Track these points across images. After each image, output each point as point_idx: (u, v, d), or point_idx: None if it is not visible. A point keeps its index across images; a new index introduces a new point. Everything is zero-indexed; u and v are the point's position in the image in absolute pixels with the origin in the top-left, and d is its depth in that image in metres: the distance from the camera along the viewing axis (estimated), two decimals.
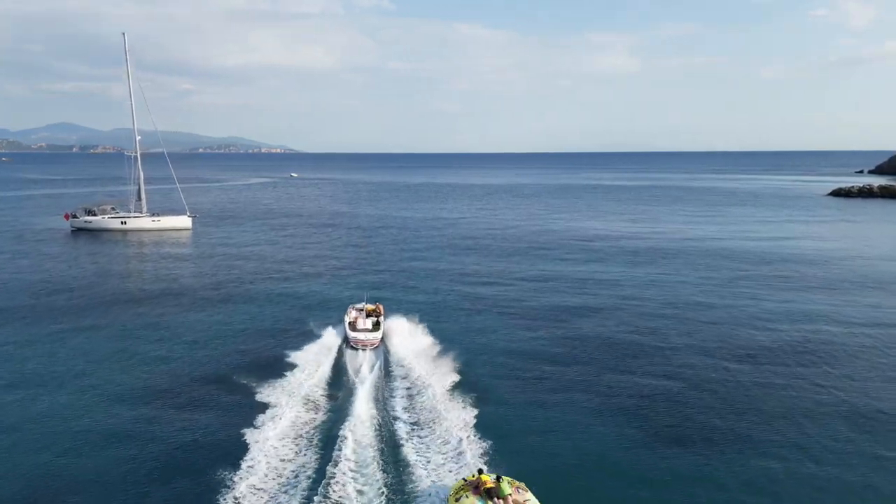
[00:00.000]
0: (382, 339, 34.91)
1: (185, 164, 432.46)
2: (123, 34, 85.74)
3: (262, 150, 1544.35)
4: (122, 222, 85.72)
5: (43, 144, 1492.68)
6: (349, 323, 35.86)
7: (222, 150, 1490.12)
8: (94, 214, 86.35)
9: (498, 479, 18.99)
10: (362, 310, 37.55)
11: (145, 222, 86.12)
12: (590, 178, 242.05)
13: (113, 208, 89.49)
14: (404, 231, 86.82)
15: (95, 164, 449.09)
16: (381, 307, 38.43)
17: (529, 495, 18.94)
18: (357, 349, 33.66)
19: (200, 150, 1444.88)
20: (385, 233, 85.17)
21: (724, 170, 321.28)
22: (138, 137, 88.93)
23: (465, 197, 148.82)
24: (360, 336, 34.31)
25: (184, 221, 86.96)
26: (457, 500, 18.68)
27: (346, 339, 34.94)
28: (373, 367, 31.24)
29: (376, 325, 35.81)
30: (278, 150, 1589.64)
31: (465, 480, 19.52)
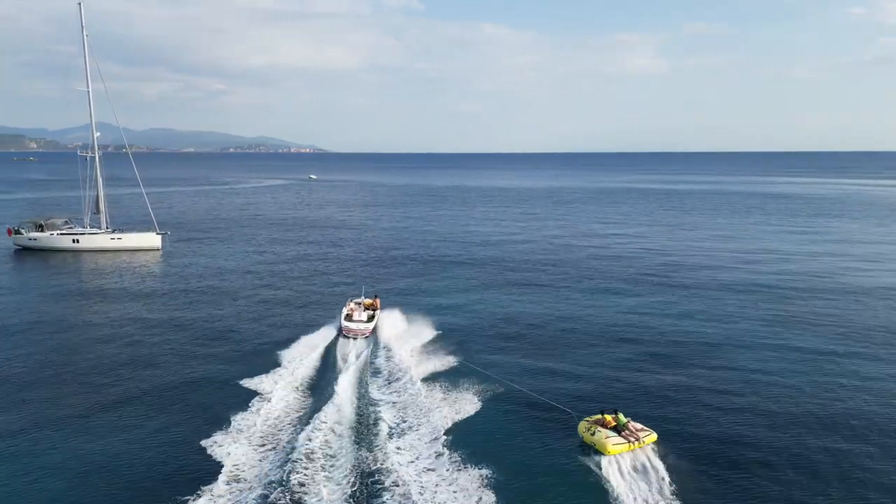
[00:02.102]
0: (374, 330, 36.59)
1: (205, 165, 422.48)
2: (79, 4, 68.74)
3: (292, 150, 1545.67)
4: (74, 240, 68.74)
5: (79, 144, 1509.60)
6: (346, 315, 37.76)
7: (252, 150, 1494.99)
8: (43, 230, 69.59)
9: (615, 411, 24.10)
10: (360, 303, 39.31)
11: (103, 241, 69.01)
12: (632, 181, 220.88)
13: (66, 222, 72.72)
14: (426, 251, 68.33)
15: (112, 164, 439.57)
16: (377, 301, 40.48)
17: (640, 426, 23.89)
18: (349, 338, 35.55)
19: (231, 150, 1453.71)
20: (401, 255, 66.75)
21: (775, 171, 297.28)
22: (97, 133, 72.03)
23: (498, 204, 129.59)
24: (352, 326, 36.34)
25: (151, 240, 69.61)
26: (592, 434, 23.33)
27: (340, 329, 36.44)
28: (359, 354, 33.10)
29: (371, 318, 37.65)
30: (307, 150, 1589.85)
31: (589, 420, 24.17)
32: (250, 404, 27.32)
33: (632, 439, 22.97)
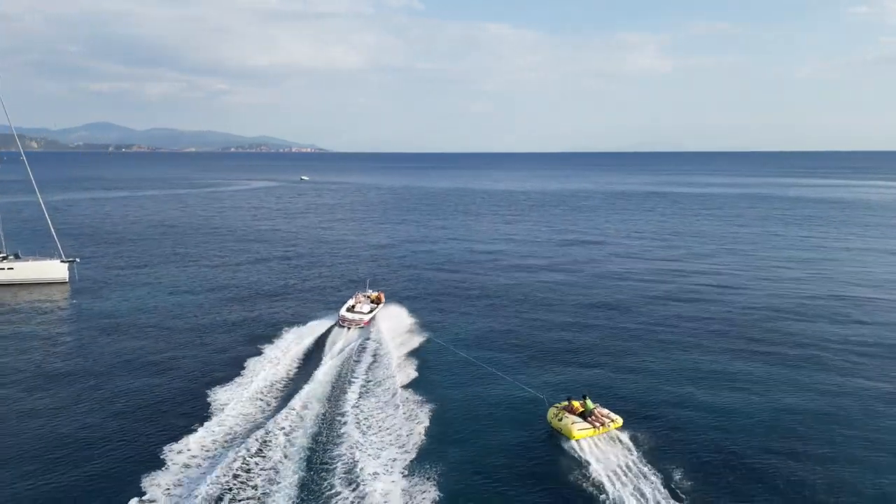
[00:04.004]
0: (370, 322, 37.90)
1: (197, 165, 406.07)
2: None
3: (293, 150, 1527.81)
4: None
5: (81, 143, 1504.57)
6: (349, 305, 39.55)
7: (253, 150, 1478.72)
8: None
9: (584, 397, 25.30)
10: (368, 296, 41.45)
11: None
12: (648, 183, 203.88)
13: None
14: (417, 281, 51.65)
15: (101, 164, 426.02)
16: (382, 295, 42.32)
17: (607, 411, 25.10)
18: (344, 327, 36.88)
19: (232, 150, 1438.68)
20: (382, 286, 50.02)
21: (795, 172, 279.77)
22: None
23: (507, 211, 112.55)
24: (348, 315, 37.82)
25: (54, 269, 53.10)
26: (559, 419, 24.50)
27: (338, 319, 38.28)
28: (349, 343, 34.42)
29: (371, 311, 39.06)
30: (308, 150, 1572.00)
31: (557, 406, 25.43)
32: (230, 386, 28.82)
33: (597, 424, 24.21)
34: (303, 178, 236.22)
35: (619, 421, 24.67)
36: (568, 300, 47.14)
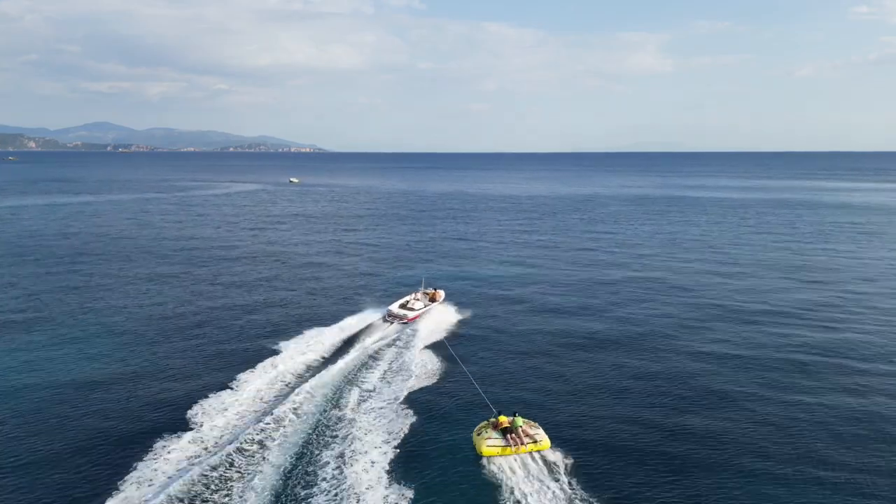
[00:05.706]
0: (416, 318, 38.45)
1: (188, 166, 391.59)
2: None
3: (292, 150, 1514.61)
4: None
5: (79, 143, 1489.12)
6: (402, 302, 40.28)
7: (252, 150, 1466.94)
8: None
9: (514, 414, 24.49)
10: (426, 293, 42.51)
11: None
12: (663, 186, 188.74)
13: None
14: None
15: (90, 164, 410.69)
16: (438, 293, 43.02)
17: (539, 429, 24.17)
18: (387, 322, 37.87)
19: (231, 150, 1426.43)
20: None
21: (813, 175, 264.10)
22: None
23: (517, 223, 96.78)
24: (394, 310, 38.69)
25: None
26: (478, 434, 24.09)
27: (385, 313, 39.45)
28: (381, 338, 35.51)
29: (425, 307, 40.09)
30: (307, 150, 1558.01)
31: (487, 421, 24.77)
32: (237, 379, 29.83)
33: (511, 443, 23.37)
34: (292, 180, 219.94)
35: (546, 443, 23.73)
36: (588, 344, 37.82)
